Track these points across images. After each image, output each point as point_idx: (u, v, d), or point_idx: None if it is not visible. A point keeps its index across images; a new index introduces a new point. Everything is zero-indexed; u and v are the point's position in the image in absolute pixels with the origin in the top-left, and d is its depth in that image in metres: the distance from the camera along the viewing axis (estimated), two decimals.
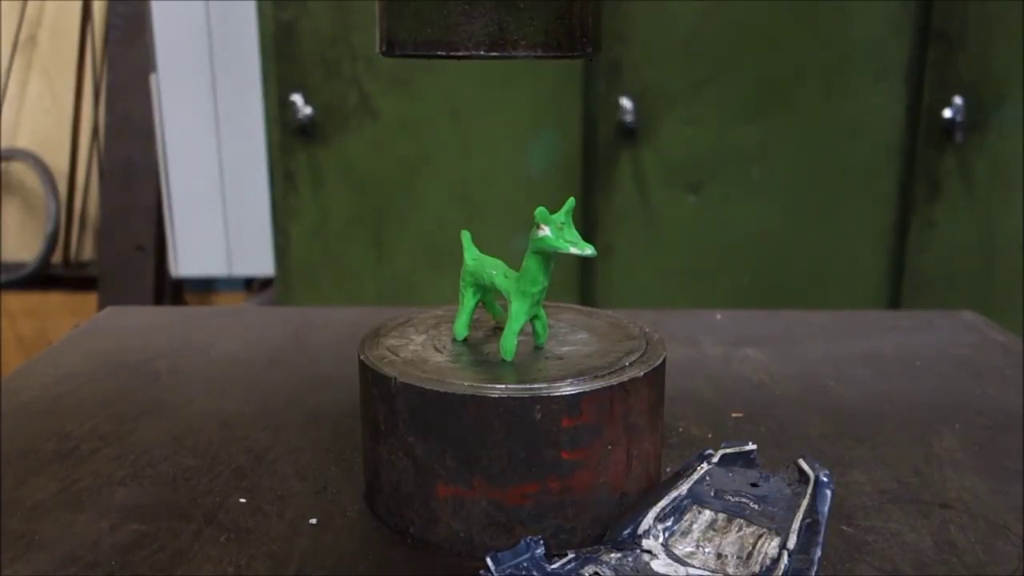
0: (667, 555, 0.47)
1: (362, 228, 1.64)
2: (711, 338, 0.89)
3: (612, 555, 0.46)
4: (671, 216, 1.60)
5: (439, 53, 0.47)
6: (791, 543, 0.46)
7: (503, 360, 0.52)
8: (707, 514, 0.49)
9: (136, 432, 0.66)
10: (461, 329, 0.56)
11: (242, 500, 0.56)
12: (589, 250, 0.48)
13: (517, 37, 0.47)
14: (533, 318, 0.53)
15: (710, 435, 0.66)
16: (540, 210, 0.49)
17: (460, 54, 0.47)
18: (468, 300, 0.55)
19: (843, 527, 0.52)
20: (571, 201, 0.50)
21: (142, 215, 2.18)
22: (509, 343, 0.52)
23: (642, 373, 0.50)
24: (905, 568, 0.48)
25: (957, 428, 0.67)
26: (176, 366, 0.81)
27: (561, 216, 0.49)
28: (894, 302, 1.61)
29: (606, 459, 0.49)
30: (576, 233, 0.49)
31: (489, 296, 0.56)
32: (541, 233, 0.49)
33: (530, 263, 0.51)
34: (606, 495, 0.50)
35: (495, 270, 0.54)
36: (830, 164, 1.57)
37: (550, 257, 0.50)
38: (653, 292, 1.63)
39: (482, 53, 0.47)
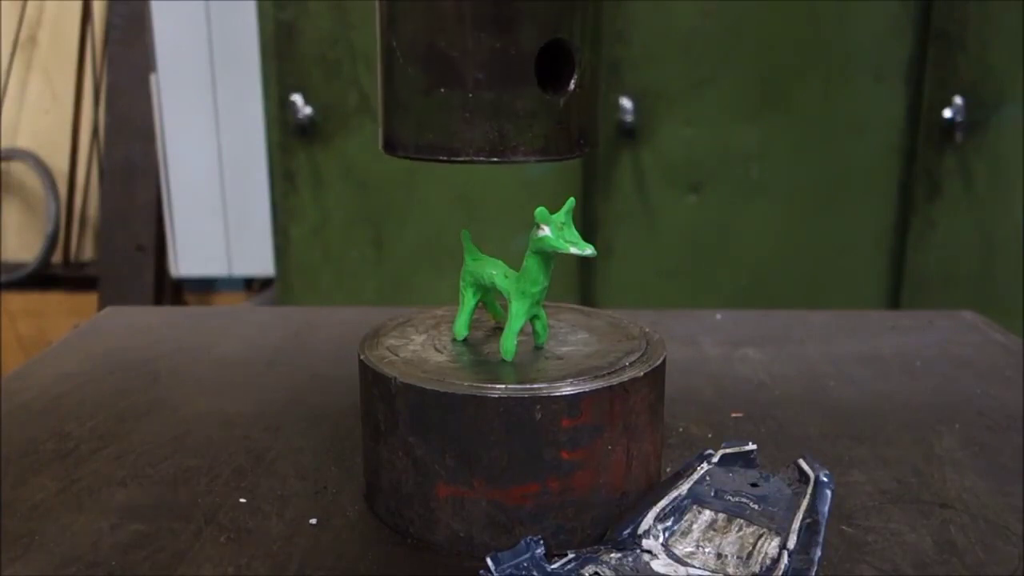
0: (667, 555, 0.47)
1: (362, 228, 1.64)
2: (711, 338, 0.89)
3: (612, 555, 0.46)
4: (671, 216, 1.60)
5: (440, 158, 0.48)
6: (791, 543, 0.46)
7: (503, 360, 0.52)
8: (707, 514, 0.49)
9: (136, 432, 0.66)
10: (461, 329, 0.56)
11: (242, 500, 0.56)
12: (589, 250, 0.48)
13: (516, 143, 0.47)
14: (533, 318, 0.53)
15: (710, 435, 0.66)
16: (540, 210, 0.49)
17: (461, 159, 0.48)
18: (468, 300, 0.55)
19: (843, 527, 0.52)
20: (571, 201, 0.50)
21: (142, 215, 2.18)
22: (509, 343, 0.52)
23: (642, 373, 0.50)
24: (905, 568, 0.48)
25: (957, 428, 0.67)
26: (176, 366, 0.81)
27: (561, 216, 0.49)
28: (894, 302, 1.61)
29: (606, 459, 0.49)
30: (576, 233, 0.49)
31: (489, 296, 0.56)
32: (541, 233, 0.49)
33: (530, 263, 0.51)
34: (606, 495, 0.50)
35: (495, 270, 0.54)
36: (830, 164, 1.57)
37: (550, 257, 0.50)
38: (653, 292, 1.63)
39: (482, 159, 0.47)
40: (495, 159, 0.47)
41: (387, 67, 0.49)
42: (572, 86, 0.48)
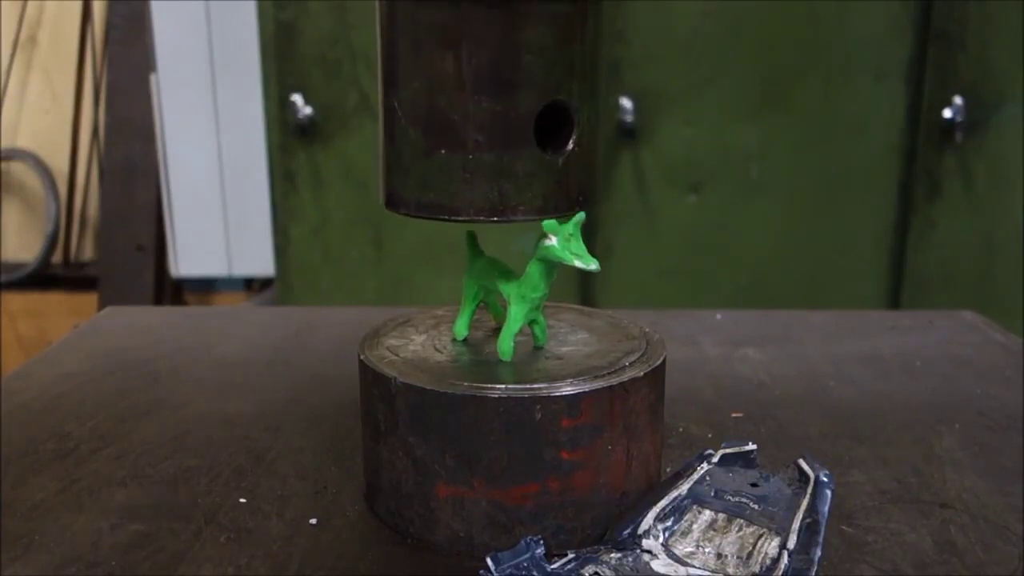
0: (667, 555, 0.47)
1: (362, 228, 1.64)
2: (711, 338, 0.89)
3: (612, 555, 0.46)
4: (671, 216, 1.60)
5: (442, 217, 0.49)
6: (791, 543, 0.46)
7: (503, 360, 0.52)
8: (707, 514, 0.49)
9: (136, 432, 0.66)
10: (461, 329, 0.56)
11: (242, 500, 0.56)
12: (594, 265, 0.48)
13: (516, 203, 0.48)
14: (531, 322, 0.53)
15: (710, 435, 0.66)
16: (549, 221, 0.49)
17: (461, 219, 0.48)
18: (469, 301, 0.56)
19: (843, 527, 0.52)
20: (581, 215, 0.50)
21: (142, 215, 2.18)
22: (506, 344, 0.52)
23: (642, 373, 0.50)
24: (905, 568, 0.48)
25: (957, 428, 0.67)
26: (176, 366, 0.81)
27: (570, 228, 0.49)
28: (894, 302, 1.61)
29: (606, 459, 0.49)
30: (583, 246, 0.49)
31: (492, 297, 0.56)
32: (548, 243, 0.49)
33: (533, 270, 0.51)
34: (606, 495, 0.50)
35: (498, 272, 0.54)
36: (830, 164, 1.57)
37: (554, 267, 0.50)
38: (653, 292, 1.63)
39: (482, 219, 0.48)
40: (495, 219, 0.48)
41: (388, 126, 0.50)
42: (571, 145, 0.49)
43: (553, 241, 0.49)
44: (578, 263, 0.48)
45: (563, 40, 0.47)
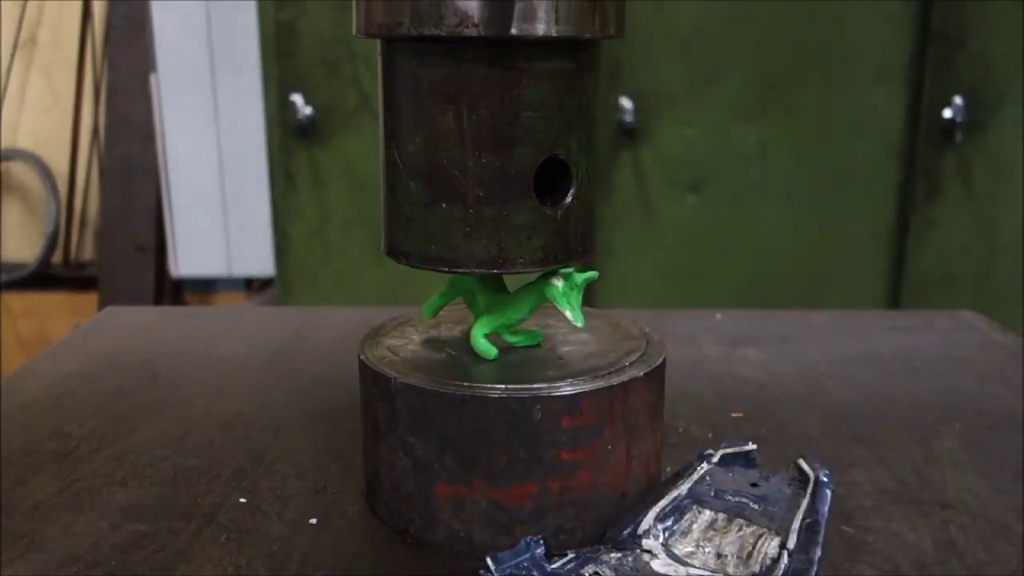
0: (667, 555, 0.47)
1: (362, 228, 1.64)
2: (711, 338, 0.89)
3: (612, 555, 0.46)
4: (671, 216, 1.60)
5: (443, 269, 0.50)
6: (791, 543, 0.46)
7: (502, 360, 0.52)
8: (707, 514, 0.49)
9: (136, 432, 0.66)
10: (428, 311, 0.57)
11: (242, 500, 0.56)
12: (580, 323, 0.50)
13: (516, 256, 0.49)
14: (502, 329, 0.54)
15: (710, 435, 0.66)
16: (567, 270, 0.50)
17: (462, 271, 0.49)
18: (448, 291, 0.57)
19: (843, 527, 0.52)
20: (594, 274, 0.51)
21: (142, 215, 2.18)
22: (481, 344, 0.52)
23: (642, 373, 0.50)
24: (905, 568, 0.48)
25: (957, 428, 0.67)
26: (176, 366, 0.81)
27: (578, 279, 0.50)
28: (894, 302, 1.61)
29: (606, 459, 0.49)
30: (579, 300, 0.51)
31: (473, 297, 0.57)
32: (553, 280, 0.50)
33: (525, 297, 0.52)
34: (606, 495, 0.50)
35: (491, 279, 0.54)
36: (830, 164, 1.57)
37: (543, 300, 0.52)
38: (653, 292, 1.63)
39: (483, 271, 0.49)
40: (496, 271, 0.49)
41: (389, 179, 0.50)
42: (570, 198, 0.49)
43: (558, 284, 0.50)
44: (568, 313, 0.50)
45: (562, 96, 0.48)
